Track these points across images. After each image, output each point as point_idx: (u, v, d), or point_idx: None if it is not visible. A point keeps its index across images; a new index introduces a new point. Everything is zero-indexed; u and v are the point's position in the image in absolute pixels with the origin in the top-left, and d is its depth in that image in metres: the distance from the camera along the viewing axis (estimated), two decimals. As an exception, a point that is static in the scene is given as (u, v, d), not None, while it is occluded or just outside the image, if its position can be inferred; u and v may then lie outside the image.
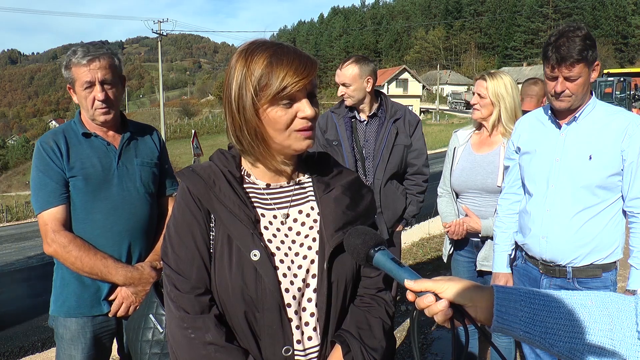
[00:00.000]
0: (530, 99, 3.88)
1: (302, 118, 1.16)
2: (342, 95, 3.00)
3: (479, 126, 2.82)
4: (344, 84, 2.96)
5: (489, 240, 2.67)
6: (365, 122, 3.03)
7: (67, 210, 1.93)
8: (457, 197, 2.86)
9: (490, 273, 2.61)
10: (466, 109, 50.08)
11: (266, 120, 1.16)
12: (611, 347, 0.86)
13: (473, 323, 0.96)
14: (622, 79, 27.12)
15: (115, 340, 2.14)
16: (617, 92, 25.73)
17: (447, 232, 2.80)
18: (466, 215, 2.76)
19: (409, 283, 0.98)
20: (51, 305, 2.03)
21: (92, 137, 2.01)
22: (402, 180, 3.12)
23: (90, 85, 1.93)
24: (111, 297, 1.99)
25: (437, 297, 0.96)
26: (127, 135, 2.08)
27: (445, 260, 2.96)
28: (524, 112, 2.68)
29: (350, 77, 2.94)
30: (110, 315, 2.00)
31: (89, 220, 1.95)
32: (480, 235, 2.71)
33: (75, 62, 1.92)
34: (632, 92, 27.84)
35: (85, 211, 1.95)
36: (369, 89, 2.97)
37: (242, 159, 1.28)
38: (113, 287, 1.99)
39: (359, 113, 3.04)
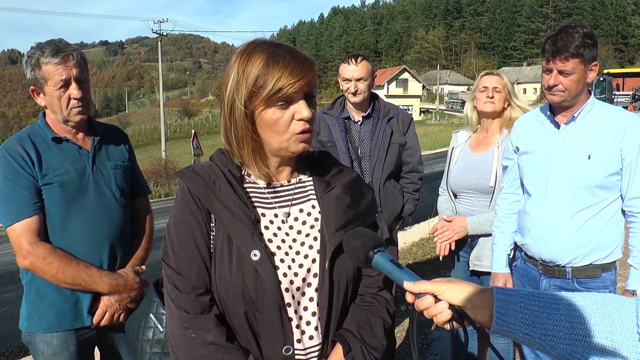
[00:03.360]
0: None
1: (299, 120, 1.15)
2: (355, 91, 2.88)
3: (476, 127, 2.85)
4: (359, 79, 2.89)
5: (481, 238, 2.67)
6: (359, 123, 3.01)
7: (41, 220, 1.80)
8: (455, 198, 2.87)
9: (486, 273, 2.61)
10: (463, 108, 50.12)
11: (262, 123, 1.16)
12: (612, 349, 0.85)
13: (472, 325, 0.95)
14: (602, 79, 26.90)
15: (98, 349, 2.07)
16: (597, 92, 25.58)
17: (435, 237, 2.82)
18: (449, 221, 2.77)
19: (408, 285, 0.98)
20: (24, 321, 1.90)
21: (64, 142, 1.90)
22: (399, 179, 3.13)
23: (66, 83, 1.83)
24: (95, 309, 1.90)
25: (437, 299, 0.96)
26: (98, 138, 1.99)
27: (440, 259, 2.97)
28: None
29: (367, 71, 2.91)
30: (93, 325, 1.90)
31: (67, 228, 1.84)
32: (469, 234, 2.71)
33: (45, 60, 1.80)
34: (614, 93, 27.66)
35: (63, 219, 1.84)
36: (372, 87, 3.00)
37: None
38: (93, 297, 1.89)
39: (353, 113, 3.01)
